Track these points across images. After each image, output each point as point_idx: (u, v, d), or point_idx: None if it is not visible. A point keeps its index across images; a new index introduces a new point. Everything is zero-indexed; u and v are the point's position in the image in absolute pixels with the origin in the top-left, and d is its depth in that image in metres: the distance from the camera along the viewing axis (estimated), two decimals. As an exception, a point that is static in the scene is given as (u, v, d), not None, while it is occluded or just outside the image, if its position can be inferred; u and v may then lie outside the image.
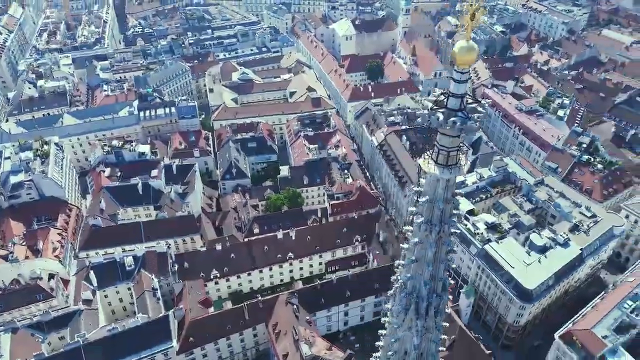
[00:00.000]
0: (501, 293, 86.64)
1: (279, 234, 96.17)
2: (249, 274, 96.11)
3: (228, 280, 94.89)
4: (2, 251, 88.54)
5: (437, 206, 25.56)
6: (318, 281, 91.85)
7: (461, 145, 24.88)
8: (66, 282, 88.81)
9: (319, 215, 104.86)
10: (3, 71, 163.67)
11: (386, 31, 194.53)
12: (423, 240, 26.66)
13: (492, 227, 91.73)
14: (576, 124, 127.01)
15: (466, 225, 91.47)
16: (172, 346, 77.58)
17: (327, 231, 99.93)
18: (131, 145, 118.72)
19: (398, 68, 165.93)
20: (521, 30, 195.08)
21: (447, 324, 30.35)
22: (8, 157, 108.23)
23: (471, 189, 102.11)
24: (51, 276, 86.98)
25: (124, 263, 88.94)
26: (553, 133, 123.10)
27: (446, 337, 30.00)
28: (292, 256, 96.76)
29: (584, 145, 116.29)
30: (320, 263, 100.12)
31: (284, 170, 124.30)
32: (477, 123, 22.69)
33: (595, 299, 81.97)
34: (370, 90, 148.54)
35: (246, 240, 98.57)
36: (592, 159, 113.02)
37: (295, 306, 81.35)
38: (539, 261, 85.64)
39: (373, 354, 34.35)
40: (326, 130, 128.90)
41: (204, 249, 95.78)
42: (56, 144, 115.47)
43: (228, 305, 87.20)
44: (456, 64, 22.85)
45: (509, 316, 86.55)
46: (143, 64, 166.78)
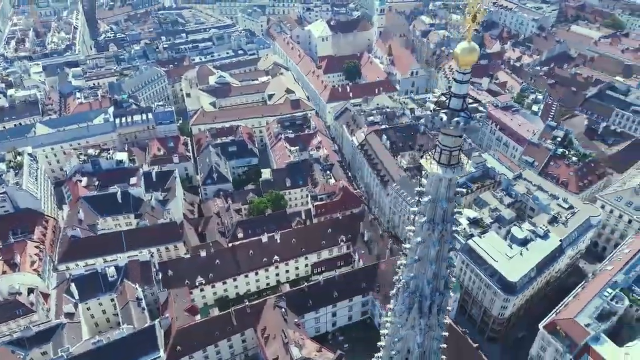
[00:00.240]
0: (485, 287, 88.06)
1: (264, 238, 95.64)
2: (235, 279, 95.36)
3: (214, 286, 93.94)
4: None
5: (440, 205, 25.87)
6: (305, 283, 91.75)
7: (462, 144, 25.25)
8: (46, 296, 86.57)
9: (303, 217, 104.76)
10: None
11: (361, 31, 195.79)
12: (426, 239, 26.91)
13: (474, 222, 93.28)
14: (550, 118, 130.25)
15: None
16: (160, 356, 76.16)
17: (312, 233, 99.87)
18: (108, 153, 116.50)
19: (375, 68, 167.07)
20: (493, 28, 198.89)
21: (448, 321, 30.73)
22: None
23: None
24: (30, 290, 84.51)
25: (106, 274, 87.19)
26: (528, 128, 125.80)
27: (448, 334, 30.33)
28: (278, 259, 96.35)
29: (559, 139, 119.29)
30: (306, 265, 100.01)
31: (266, 173, 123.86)
32: (480, 122, 22.99)
33: (576, 289, 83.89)
34: (348, 90, 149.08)
35: (230, 245, 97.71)
36: (567, 152, 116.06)
37: (283, 309, 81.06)
38: (521, 254, 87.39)
39: (374, 354, 34.37)
40: (306, 131, 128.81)
41: (188, 256, 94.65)
42: (30, 155, 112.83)
43: (215, 311, 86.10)
44: (458, 65, 23.01)
45: (494, 309, 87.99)
46: (117, 70, 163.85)
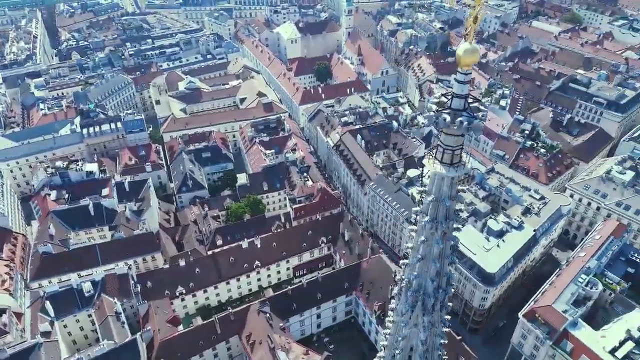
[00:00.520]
0: (465, 279, 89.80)
1: (244, 243, 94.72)
2: (216, 287, 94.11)
3: (195, 295, 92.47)
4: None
5: (443, 204, 26.23)
6: (287, 287, 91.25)
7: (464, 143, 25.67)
8: (19, 316, 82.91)
9: (283, 220, 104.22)
10: None
11: (330, 32, 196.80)
12: (429, 238, 27.23)
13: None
14: (517, 112, 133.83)
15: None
16: (143, 370, 74.50)
17: (292, 236, 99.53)
18: (77, 164, 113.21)
19: (346, 68, 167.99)
20: (458, 25, 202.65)
21: (449, 317, 31.16)
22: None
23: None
24: (2, 311, 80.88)
25: (82, 289, 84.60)
26: (498, 122, 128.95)
27: (449, 330, 30.72)
28: (260, 264, 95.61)
29: (527, 132, 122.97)
30: (287, 268, 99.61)
31: (242, 178, 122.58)
32: (482, 121, 23.41)
33: (551, 277, 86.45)
34: (320, 92, 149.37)
35: (210, 252, 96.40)
36: (535, 144, 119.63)
37: (267, 314, 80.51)
38: (498, 245, 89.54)
39: (377, 355, 34.47)
40: (281, 134, 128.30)
41: (167, 266, 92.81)
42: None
43: (198, 321, 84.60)
44: (460, 66, 23.29)
45: (475, 301, 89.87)
46: (81, 79, 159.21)
